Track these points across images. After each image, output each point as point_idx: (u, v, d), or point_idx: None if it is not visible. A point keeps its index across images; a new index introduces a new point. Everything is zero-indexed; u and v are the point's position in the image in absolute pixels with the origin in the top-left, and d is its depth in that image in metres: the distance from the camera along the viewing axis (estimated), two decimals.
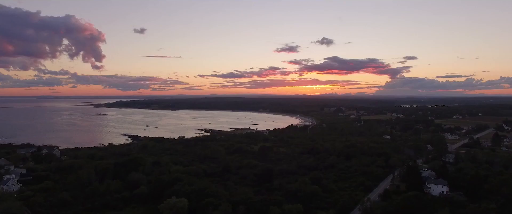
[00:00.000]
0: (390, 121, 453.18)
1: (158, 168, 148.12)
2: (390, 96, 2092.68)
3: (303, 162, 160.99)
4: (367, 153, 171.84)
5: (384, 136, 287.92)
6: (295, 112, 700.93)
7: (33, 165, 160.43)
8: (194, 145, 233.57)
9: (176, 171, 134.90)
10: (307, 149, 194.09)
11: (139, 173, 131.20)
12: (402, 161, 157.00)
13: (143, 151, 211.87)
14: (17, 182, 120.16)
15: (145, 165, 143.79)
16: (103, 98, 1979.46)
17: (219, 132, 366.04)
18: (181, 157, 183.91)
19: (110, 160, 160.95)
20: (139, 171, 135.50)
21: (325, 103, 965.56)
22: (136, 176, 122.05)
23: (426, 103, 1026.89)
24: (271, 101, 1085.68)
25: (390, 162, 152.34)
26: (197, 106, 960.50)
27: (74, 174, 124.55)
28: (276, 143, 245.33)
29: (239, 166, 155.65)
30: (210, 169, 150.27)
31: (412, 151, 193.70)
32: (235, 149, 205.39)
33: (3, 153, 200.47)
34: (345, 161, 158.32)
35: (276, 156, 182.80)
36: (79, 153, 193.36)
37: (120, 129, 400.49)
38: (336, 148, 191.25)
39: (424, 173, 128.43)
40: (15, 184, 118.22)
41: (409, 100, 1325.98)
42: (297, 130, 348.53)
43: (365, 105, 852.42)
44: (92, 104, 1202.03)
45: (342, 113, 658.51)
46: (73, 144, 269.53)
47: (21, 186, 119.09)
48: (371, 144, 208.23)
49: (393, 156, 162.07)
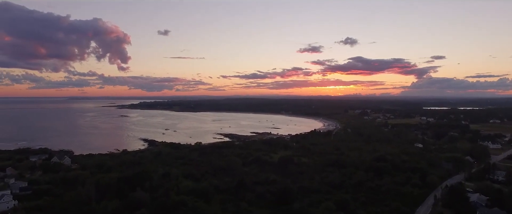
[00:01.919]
0: (419, 125, 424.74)
1: (167, 182, 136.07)
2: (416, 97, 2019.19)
3: (327, 177, 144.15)
4: (400, 167, 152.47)
5: (415, 144, 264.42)
6: (318, 115, 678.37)
7: (38, 176, 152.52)
8: (210, 152, 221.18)
9: (185, 188, 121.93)
10: (332, 161, 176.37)
11: (144, 189, 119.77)
12: (441, 177, 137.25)
13: (156, 159, 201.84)
14: (12, 198, 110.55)
15: (152, 179, 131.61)
16: (128, 99, 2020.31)
17: (239, 136, 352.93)
18: (194, 168, 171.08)
19: (118, 171, 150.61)
20: (145, 186, 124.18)
21: (349, 104, 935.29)
22: (138, 195, 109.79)
23: (455, 105, 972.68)
24: (293, 103, 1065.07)
25: (427, 180, 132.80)
26: (219, 108, 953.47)
27: (73, 191, 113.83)
28: (298, 151, 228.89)
29: (256, 181, 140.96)
30: (223, 184, 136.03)
31: (450, 164, 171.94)
32: (253, 159, 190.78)
33: (16, 160, 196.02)
34: (375, 178, 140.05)
35: (297, 168, 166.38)
36: (89, 162, 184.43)
37: (138, 133, 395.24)
38: (364, 160, 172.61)
39: (471, 197, 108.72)
40: (10, 201, 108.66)
41: (437, 101, 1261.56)
42: (320, 135, 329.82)
43: (390, 107, 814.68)
44: (116, 106, 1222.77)
45: (367, 116, 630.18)
46: (89, 149, 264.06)
47: (16, 203, 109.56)
48: (403, 155, 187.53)
49: (430, 173, 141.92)
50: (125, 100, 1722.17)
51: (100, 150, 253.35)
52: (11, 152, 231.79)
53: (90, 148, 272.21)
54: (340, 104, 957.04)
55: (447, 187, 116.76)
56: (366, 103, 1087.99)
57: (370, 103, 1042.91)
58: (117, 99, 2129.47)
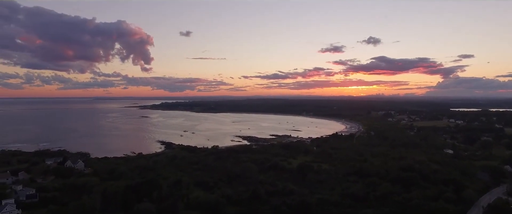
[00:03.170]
0: (448, 128, 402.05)
1: (177, 190, 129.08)
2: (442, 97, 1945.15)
3: (348, 188, 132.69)
4: (430, 178, 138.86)
5: (444, 149, 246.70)
6: (340, 116, 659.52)
7: (50, 181, 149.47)
8: (226, 157, 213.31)
9: (194, 199, 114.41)
10: (354, 169, 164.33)
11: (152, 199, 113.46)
12: (479, 191, 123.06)
13: (171, 163, 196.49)
14: (16, 207, 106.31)
15: (161, 188, 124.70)
16: (151, 99, 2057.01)
17: (257, 139, 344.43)
18: (208, 174, 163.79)
19: (128, 178, 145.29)
20: (153, 196, 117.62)
21: (372, 105, 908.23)
22: (144, 206, 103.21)
23: (485, 106, 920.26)
24: (315, 104, 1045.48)
25: (463, 194, 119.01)
26: (239, 108, 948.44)
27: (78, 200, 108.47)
28: (318, 156, 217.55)
29: (272, 190, 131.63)
30: (237, 194, 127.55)
31: (486, 174, 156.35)
32: (270, 165, 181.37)
33: (32, 162, 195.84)
34: (402, 190, 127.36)
35: (316, 176, 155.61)
36: (102, 166, 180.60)
37: (157, 134, 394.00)
38: (389, 168, 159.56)
39: None
40: (13, 210, 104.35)
41: (465, 102, 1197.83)
42: (341, 139, 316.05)
43: (416, 109, 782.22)
44: (138, 106, 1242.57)
45: (391, 118, 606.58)
46: (106, 150, 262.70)
47: (19, 212, 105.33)
48: (433, 164, 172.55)
49: (466, 186, 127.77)
50: (148, 101, 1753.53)
51: (117, 153, 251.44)
52: (29, 154, 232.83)
53: (108, 149, 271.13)
54: (362, 105, 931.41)
55: (487, 205, 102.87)
56: (390, 104, 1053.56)
57: (393, 104, 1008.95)
58: (140, 99, 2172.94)
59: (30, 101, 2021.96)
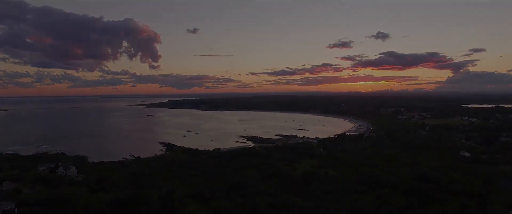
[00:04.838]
0: (461, 127, 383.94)
1: (169, 204, 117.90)
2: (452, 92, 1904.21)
3: (357, 201, 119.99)
4: (449, 190, 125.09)
5: (461, 152, 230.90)
6: (348, 114, 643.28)
7: (36, 193, 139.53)
8: (227, 162, 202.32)
9: None
10: (363, 177, 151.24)
11: None
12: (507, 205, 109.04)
13: (169, 168, 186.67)
14: None
15: (151, 202, 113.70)
16: (159, 96, 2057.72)
17: (262, 140, 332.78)
18: (207, 182, 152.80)
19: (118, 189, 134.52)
20: (142, 212, 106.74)
21: (381, 102, 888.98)
22: None
23: (498, 102, 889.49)
24: (322, 100, 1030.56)
25: (489, 210, 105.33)
26: (246, 106, 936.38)
27: None
28: (325, 160, 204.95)
29: (272, 204, 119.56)
30: (234, 208, 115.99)
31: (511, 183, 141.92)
32: (273, 172, 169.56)
33: (24, 169, 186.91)
34: (417, 204, 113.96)
35: (322, 186, 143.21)
36: (94, 174, 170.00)
37: (160, 135, 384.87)
38: (402, 177, 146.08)
39: None
40: None
41: (477, 97, 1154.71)
42: (350, 140, 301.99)
43: (425, 105, 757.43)
44: (145, 104, 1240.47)
45: (401, 115, 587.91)
46: (104, 154, 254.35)
47: None
48: (451, 172, 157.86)
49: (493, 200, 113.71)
50: (156, 98, 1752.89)
51: (115, 156, 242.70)
52: (23, 158, 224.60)
53: (107, 152, 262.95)
54: (371, 101, 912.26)
55: None
56: (399, 99, 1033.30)
57: (402, 100, 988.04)
58: (148, 97, 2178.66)
59: (41, 100, 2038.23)
